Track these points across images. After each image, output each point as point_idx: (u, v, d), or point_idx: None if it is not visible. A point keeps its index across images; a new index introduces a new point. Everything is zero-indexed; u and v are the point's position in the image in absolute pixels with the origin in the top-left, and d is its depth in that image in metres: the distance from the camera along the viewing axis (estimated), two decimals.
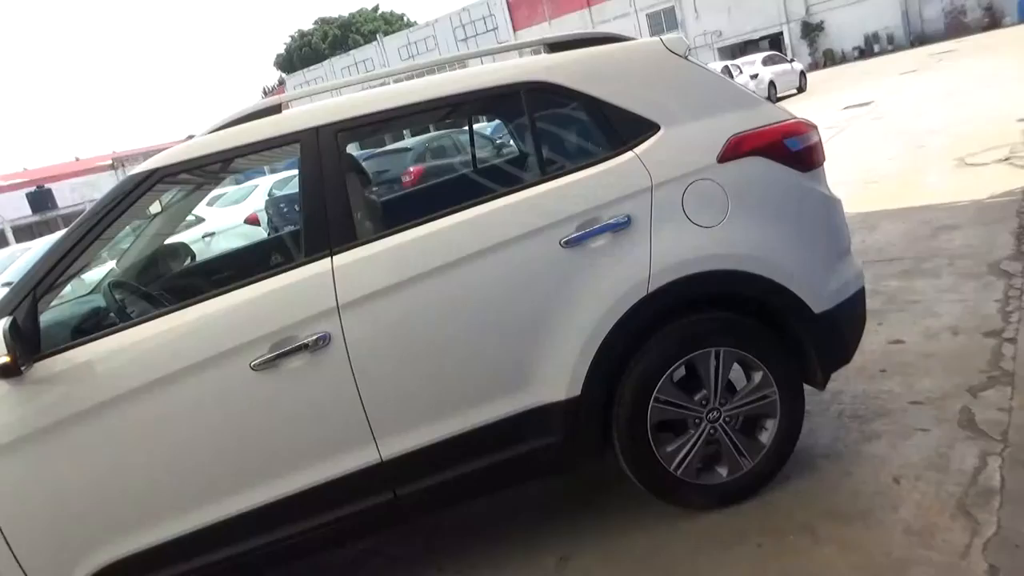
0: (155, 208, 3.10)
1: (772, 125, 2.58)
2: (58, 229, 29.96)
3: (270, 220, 12.14)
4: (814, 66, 33.72)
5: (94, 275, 3.61)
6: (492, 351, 2.40)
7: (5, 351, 2.04)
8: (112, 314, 2.76)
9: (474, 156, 4.01)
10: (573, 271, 2.40)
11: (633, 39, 2.77)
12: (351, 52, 54.50)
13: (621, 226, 2.41)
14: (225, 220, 10.88)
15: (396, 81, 2.76)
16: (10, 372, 2.09)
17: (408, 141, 12.74)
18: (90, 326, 2.68)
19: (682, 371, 2.56)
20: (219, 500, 2.30)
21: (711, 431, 2.54)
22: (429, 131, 12.95)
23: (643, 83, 2.58)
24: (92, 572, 2.25)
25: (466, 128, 12.93)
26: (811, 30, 36.21)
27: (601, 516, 2.75)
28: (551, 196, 2.44)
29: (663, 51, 2.63)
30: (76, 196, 52.42)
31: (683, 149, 2.50)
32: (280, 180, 14.10)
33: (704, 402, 2.52)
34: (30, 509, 2.19)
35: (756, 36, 37.83)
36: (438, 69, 3.05)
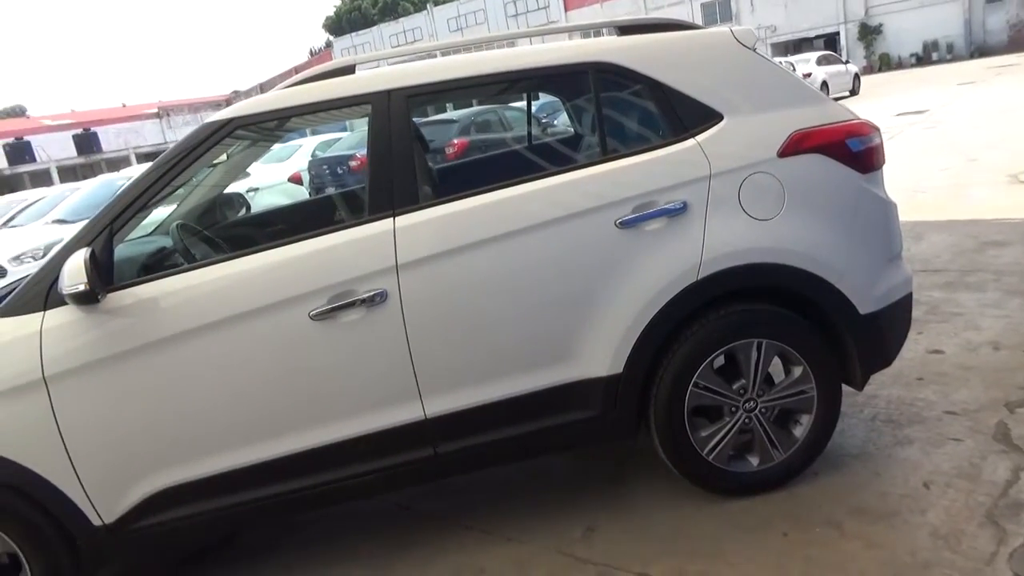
0: (221, 157, 3.19)
1: (835, 124, 2.60)
2: (101, 172, 30.50)
3: (312, 180, 12.31)
4: (868, 69, 33.05)
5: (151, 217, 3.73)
6: (540, 322, 2.46)
7: (84, 279, 2.15)
8: (178, 254, 2.87)
9: (530, 132, 4.06)
10: (626, 252, 2.45)
11: (702, 27, 2.79)
12: (400, 20, 54.45)
13: (677, 212, 2.46)
14: (269, 177, 11.02)
15: (468, 52, 2.81)
16: (87, 299, 2.20)
17: (454, 113, 12.77)
18: (156, 264, 2.79)
19: (722, 359, 2.60)
20: (268, 440, 2.41)
21: (746, 420, 2.59)
22: (472, 105, 12.98)
23: (710, 72, 2.60)
24: (145, 496, 2.37)
25: (511, 104, 12.89)
26: (869, 32, 35.45)
27: (629, 491, 2.83)
28: (610, 177, 2.49)
29: (732, 42, 2.65)
30: (120, 141, 53.24)
31: (744, 141, 2.53)
32: (323, 142, 14.25)
33: (742, 391, 2.57)
34: (93, 431, 2.31)
35: (812, 35, 37.13)
36: (510, 44, 3.09)
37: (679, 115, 2.54)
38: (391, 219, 2.40)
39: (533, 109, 4.63)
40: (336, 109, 2.57)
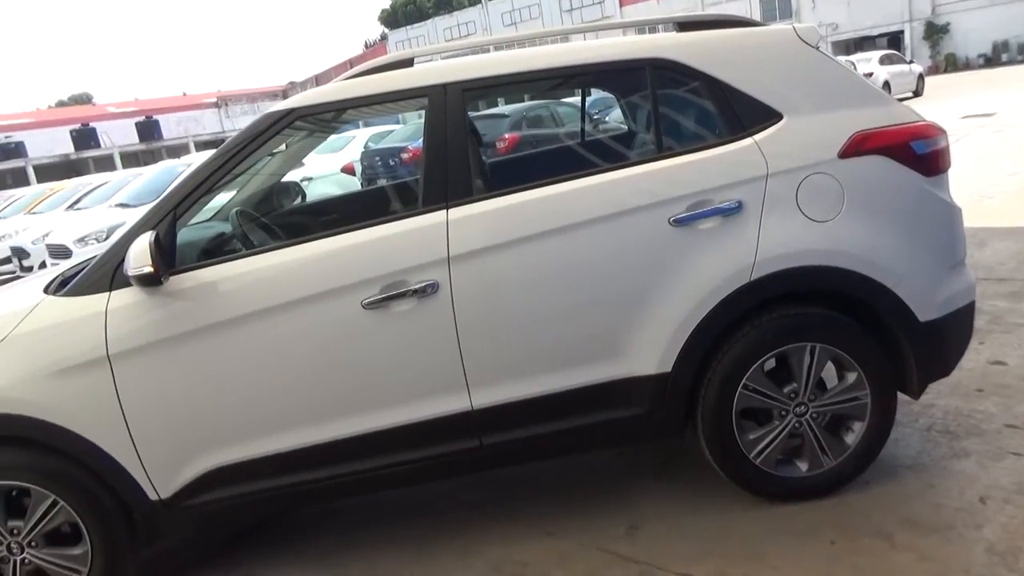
0: (280, 147, 3.26)
1: (899, 126, 2.53)
2: (162, 159, 31.38)
3: (364, 171, 12.48)
4: (933, 70, 32.00)
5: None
6: (590, 318, 2.46)
7: (149, 262, 2.23)
8: (236, 240, 2.95)
9: (583, 129, 4.05)
10: (678, 250, 2.43)
11: (763, 24, 2.75)
12: (454, 13, 54.73)
13: (732, 211, 2.43)
14: (323, 167, 11.20)
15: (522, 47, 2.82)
16: (151, 281, 2.28)
17: (505, 108, 12.79)
18: (215, 249, 2.87)
19: (773, 362, 2.56)
20: (318, 424, 2.46)
21: (796, 425, 2.55)
22: (524, 100, 12.99)
23: (771, 71, 2.56)
24: (199, 473, 2.45)
25: (563, 100, 12.86)
26: (935, 31, 34.31)
27: (673, 491, 2.81)
28: (664, 174, 2.47)
29: (795, 40, 2.60)
30: (180, 129, 54.70)
31: (804, 141, 2.49)
32: (376, 134, 14.43)
33: (793, 395, 2.53)
34: (153, 408, 2.39)
35: (875, 33, 36.11)
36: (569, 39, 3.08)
37: (737, 113, 2.51)
38: (444, 211, 2.42)
39: (585, 105, 4.62)
40: (393, 102, 2.60)
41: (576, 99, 14.19)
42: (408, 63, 2.61)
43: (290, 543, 2.92)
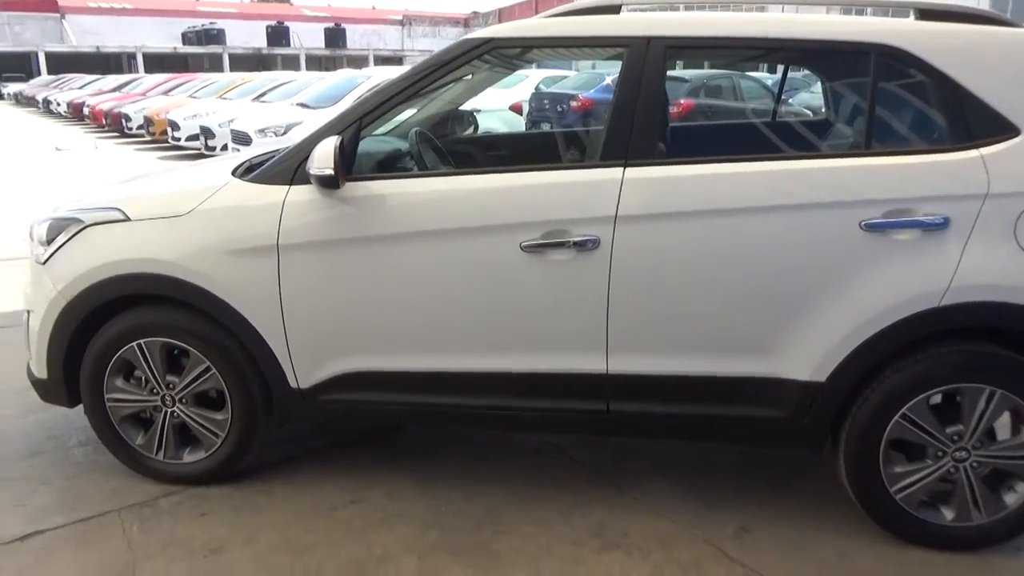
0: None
1: None
2: (342, 67, 32.75)
3: (531, 112, 12.47)
4: None
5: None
6: (748, 308, 2.33)
7: (332, 165, 2.30)
8: (409, 158, 3.00)
9: (775, 109, 3.80)
10: (863, 256, 2.24)
11: (1020, 25, 2.43)
12: None
13: (935, 226, 2.20)
14: (491, 101, 11.28)
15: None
16: (329, 183, 2.36)
17: (685, 72, 12.32)
18: (389, 163, 2.94)
19: (940, 396, 2.34)
20: (455, 353, 2.50)
21: (951, 469, 2.33)
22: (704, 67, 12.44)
23: (1018, 80, 2.26)
24: (338, 373, 2.57)
25: (748, 73, 12.20)
26: None
27: (793, 503, 2.67)
28: (865, 173, 2.27)
29: None
30: (363, 42, 56.81)
31: None
32: (548, 77, 14.33)
33: (956, 437, 2.31)
34: (308, 303, 2.51)
35: None
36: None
37: (967, 121, 2.24)
38: (621, 169, 2.34)
39: (768, 83, 4.32)
40: (591, 47, 2.54)
41: (760, 74, 13.47)
42: (615, 9, 2.51)
43: (392, 456, 3.03)
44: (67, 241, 2.64)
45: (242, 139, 10.37)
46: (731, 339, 2.37)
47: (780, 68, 3.93)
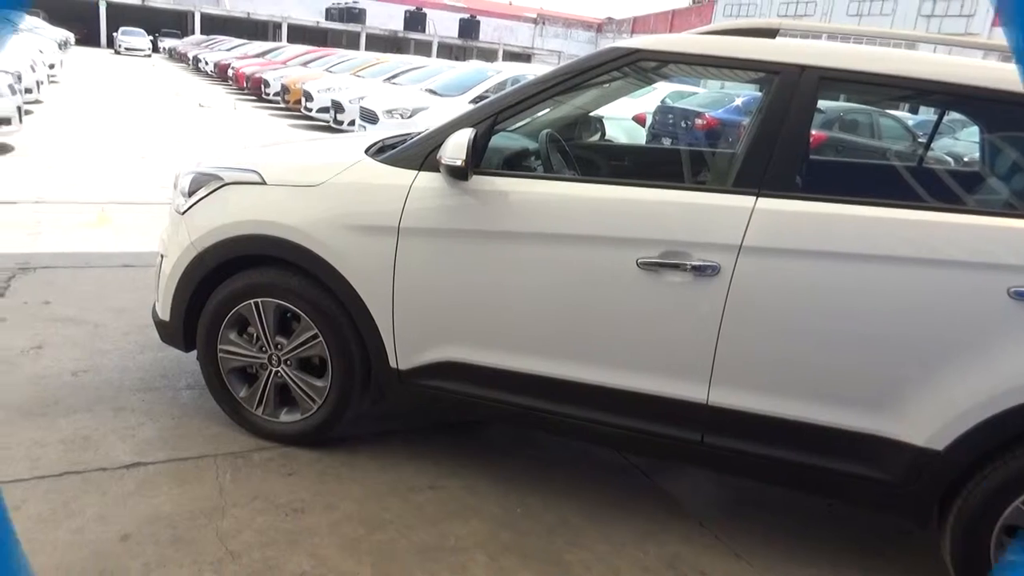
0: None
1: None
2: (473, 58, 33.31)
3: (654, 125, 12.30)
4: None
5: None
6: (868, 360, 2.21)
7: (464, 156, 2.33)
8: (535, 159, 3.01)
9: (923, 155, 3.59)
10: (1006, 324, 2.08)
11: None
12: None
13: None
14: (615, 110, 11.20)
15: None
16: (458, 174, 2.39)
17: (821, 103, 11.83)
18: (515, 161, 2.96)
19: None
20: (556, 360, 2.48)
21: None
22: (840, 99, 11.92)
23: None
24: (438, 360, 2.60)
25: (886, 111, 11.60)
26: None
27: (881, 569, 2.51)
28: (1021, 236, 2.11)
29: None
30: (495, 35, 57.55)
31: None
32: (676, 92, 14.10)
33: None
34: (419, 288, 2.56)
35: None
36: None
37: None
38: (754, 198, 2.26)
39: (910, 124, 4.08)
40: (741, 69, 2.46)
41: (901, 113, 12.79)
42: (771, 34, 2.43)
43: (472, 450, 3.04)
44: (206, 196, 2.79)
45: (369, 117, 10.71)
46: (843, 389, 2.26)
47: (935, 111, 3.71)
